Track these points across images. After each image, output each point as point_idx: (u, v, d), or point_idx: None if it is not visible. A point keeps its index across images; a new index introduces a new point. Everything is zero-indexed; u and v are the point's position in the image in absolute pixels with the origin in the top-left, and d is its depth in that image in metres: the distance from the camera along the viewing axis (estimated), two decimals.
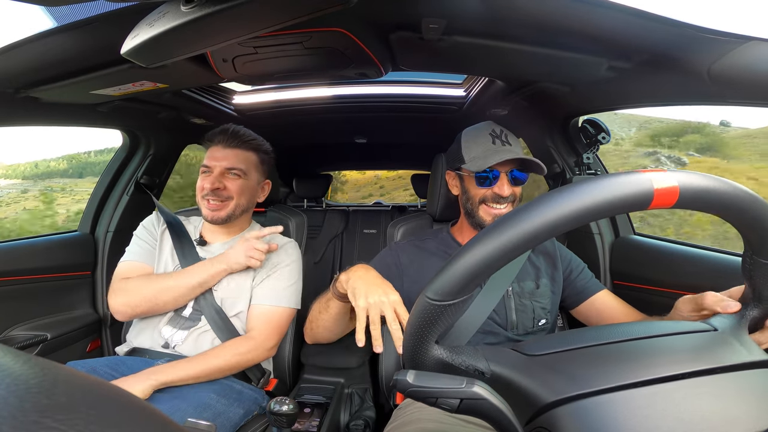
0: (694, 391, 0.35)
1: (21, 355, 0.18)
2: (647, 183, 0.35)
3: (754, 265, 0.45)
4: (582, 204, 0.34)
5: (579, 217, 0.34)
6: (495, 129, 0.99)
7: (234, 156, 1.11)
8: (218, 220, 1.10)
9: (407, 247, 1.06)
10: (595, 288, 1.02)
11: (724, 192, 0.37)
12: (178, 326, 1.05)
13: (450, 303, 0.37)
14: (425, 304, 0.38)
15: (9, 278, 1.21)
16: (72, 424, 0.14)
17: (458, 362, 0.42)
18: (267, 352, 1.05)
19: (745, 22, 0.61)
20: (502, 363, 0.42)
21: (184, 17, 0.54)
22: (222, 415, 0.92)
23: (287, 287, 1.11)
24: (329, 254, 2.52)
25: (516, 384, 0.40)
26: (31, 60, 0.83)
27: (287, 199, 2.99)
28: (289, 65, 0.93)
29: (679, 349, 0.42)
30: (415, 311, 0.40)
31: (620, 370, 0.38)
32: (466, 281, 0.36)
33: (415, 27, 0.75)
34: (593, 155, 1.33)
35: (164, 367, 0.92)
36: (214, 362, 0.96)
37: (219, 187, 1.08)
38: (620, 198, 0.34)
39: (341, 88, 1.51)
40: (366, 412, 1.26)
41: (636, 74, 0.85)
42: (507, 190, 0.94)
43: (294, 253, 1.18)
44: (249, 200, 1.16)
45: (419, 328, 0.40)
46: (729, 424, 0.32)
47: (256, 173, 1.17)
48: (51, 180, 8.90)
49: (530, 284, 0.98)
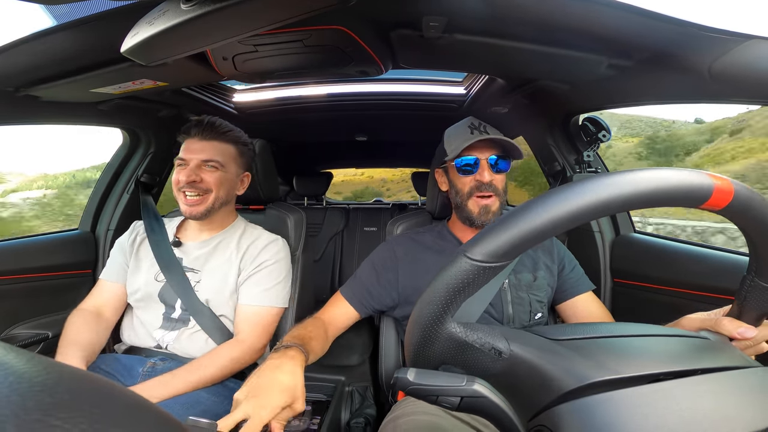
0: (695, 389, 0.35)
1: (24, 353, 0.18)
2: (708, 180, 0.36)
3: (753, 286, 0.45)
4: (648, 187, 0.34)
5: (642, 200, 0.34)
6: (474, 122, 0.99)
7: (211, 148, 1.07)
8: (197, 215, 1.06)
9: (403, 240, 1.07)
10: (582, 288, 1.02)
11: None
12: (169, 328, 1.05)
13: (490, 265, 0.35)
14: (463, 264, 0.35)
15: (10, 277, 1.21)
16: (75, 422, 0.14)
17: (473, 339, 0.39)
18: (257, 353, 1.04)
19: (746, 21, 0.61)
20: (525, 343, 0.39)
21: (184, 15, 0.54)
22: (210, 411, 0.91)
23: (272, 286, 1.09)
24: (330, 252, 2.52)
25: (538, 367, 0.38)
26: (32, 58, 0.82)
27: (288, 197, 2.99)
28: (289, 63, 0.93)
29: (688, 349, 0.43)
30: (447, 273, 0.36)
31: (650, 362, 0.38)
32: (518, 242, 0.34)
33: (416, 25, 0.75)
34: (594, 153, 1.33)
35: (160, 383, 0.91)
36: (209, 371, 0.95)
37: (195, 179, 1.04)
38: (683, 188, 0.35)
39: (341, 86, 1.51)
40: (367, 410, 1.26)
41: (637, 72, 0.85)
42: (487, 176, 0.94)
43: (279, 250, 1.15)
44: (228, 193, 1.12)
45: (444, 293, 0.36)
46: (730, 423, 0.32)
47: (235, 165, 1.13)
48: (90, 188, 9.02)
49: (527, 276, 0.98)
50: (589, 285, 1.03)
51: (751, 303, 0.47)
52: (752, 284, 0.45)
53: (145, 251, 1.13)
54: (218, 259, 1.11)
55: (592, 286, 1.03)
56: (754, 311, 0.48)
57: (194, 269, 1.10)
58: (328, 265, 2.50)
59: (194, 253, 1.11)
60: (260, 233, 1.17)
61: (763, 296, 0.46)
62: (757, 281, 0.45)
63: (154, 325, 1.06)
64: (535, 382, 0.38)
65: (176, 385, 0.91)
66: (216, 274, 1.08)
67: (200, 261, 1.11)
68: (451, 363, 0.40)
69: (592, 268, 1.32)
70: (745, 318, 0.49)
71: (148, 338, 1.05)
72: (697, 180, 0.36)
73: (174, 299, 1.07)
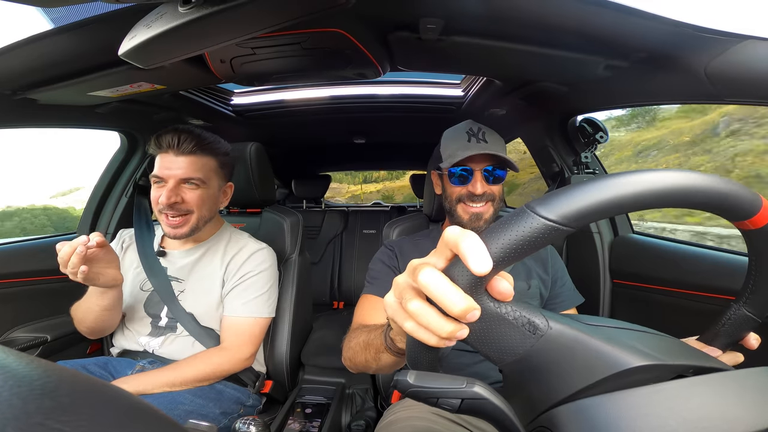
0: (696, 389, 0.35)
1: (24, 356, 0.18)
2: (758, 198, 0.37)
3: (737, 315, 0.46)
4: (709, 188, 0.35)
5: (701, 200, 0.35)
6: (473, 127, 0.97)
7: (189, 164, 0.98)
8: (182, 235, 1.02)
9: (401, 242, 1.06)
10: (569, 302, 1.01)
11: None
12: (156, 335, 1.05)
13: (559, 227, 0.32)
14: (530, 221, 0.32)
15: (9, 280, 1.21)
16: (76, 425, 0.14)
17: (505, 311, 0.36)
18: (242, 362, 1.03)
19: (742, 21, 0.62)
20: (565, 323, 0.36)
21: (181, 18, 0.54)
22: (193, 413, 0.91)
23: (255, 297, 1.06)
24: (329, 255, 2.52)
25: (578, 349, 0.35)
26: (29, 61, 0.82)
27: (286, 201, 2.99)
28: (287, 66, 0.93)
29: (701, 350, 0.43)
30: (512, 227, 0.32)
31: (682, 355, 0.38)
32: (596, 209, 0.32)
33: (413, 27, 0.75)
34: (591, 155, 1.34)
35: (137, 378, 0.92)
36: (188, 372, 0.95)
37: (176, 201, 0.98)
38: (736, 198, 0.36)
39: (339, 88, 1.51)
40: (367, 413, 1.26)
41: (633, 73, 0.85)
42: (480, 188, 0.92)
43: (265, 260, 1.11)
44: (211, 209, 1.07)
45: (509, 246, 0.32)
46: (730, 423, 0.32)
47: (216, 179, 1.06)
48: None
49: (522, 284, 0.97)
50: (577, 299, 1.02)
51: (729, 329, 0.47)
52: (737, 312, 0.46)
53: (130, 260, 1.12)
54: (203, 270, 1.09)
55: (580, 300, 1.02)
56: (727, 338, 0.48)
57: (178, 278, 1.09)
58: (327, 267, 2.50)
59: (179, 262, 1.10)
60: (245, 242, 1.14)
61: (741, 325, 0.46)
62: (743, 310, 0.45)
63: (141, 333, 1.06)
64: (572, 364, 0.35)
65: (148, 383, 0.91)
66: (200, 287, 1.07)
67: (185, 271, 1.09)
68: (467, 340, 0.37)
69: (591, 269, 1.32)
70: (717, 343, 0.49)
71: (136, 344, 1.06)
72: (749, 195, 0.37)
73: (160, 308, 1.06)
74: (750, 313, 0.45)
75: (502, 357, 0.37)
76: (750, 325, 0.46)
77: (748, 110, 6.53)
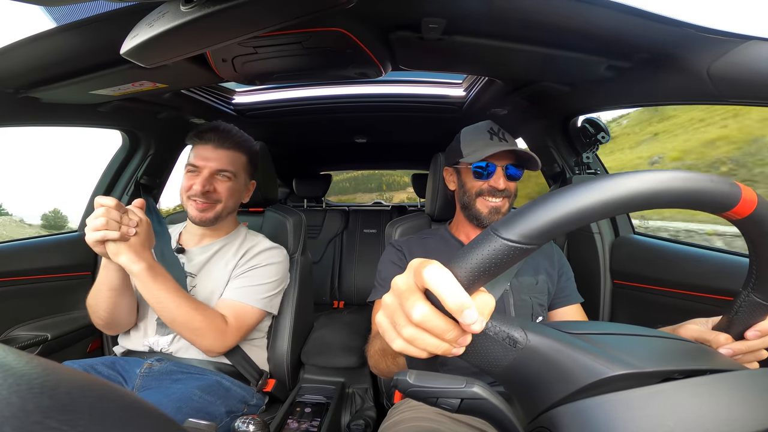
0: (695, 390, 0.35)
1: (23, 355, 0.18)
2: (736, 188, 0.36)
3: (747, 301, 0.46)
4: (679, 186, 0.34)
5: (671, 199, 0.35)
6: (493, 127, 1.01)
7: (225, 157, 1.08)
8: (206, 221, 1.07)
9: (409, 241, 1.07)
10: (572, 299, 1.03)
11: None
12: (162, 333, 1.05)
13: (522, 246, 0.33)
14: (494, 244, 0.33)
15: (10, 278, 1.21)
16: (74, 424, 0.14)
17: (486, 327, 0.37)
18: (217, 345, 0.99)
19: (745, 22, 0.61)
20: (543, 334, 0.38)
21: (183, 17, 0.54)
22: (201, 411, 0.91)
23: (254, 285, 1.08)
24: (329, 254, 2.52)
25: (556, 359, 0.36)
26: (31, 60, 0.83)
27: (287, 200, 2.99)
28: (288, 65, 0.93)
29: (695, 350, 0.43)
30: (472, 251, 0.34)
31: (664, 360, 0.38)
32: (556, 225, 0.33)
33: (415, 27, 0.75)
34: (593, 155, 1.34)
35: (148, 277, 0.90)
36: (183, 308, 0.93)
37: (209, 189, 1.05)
38: (711, 192, 0.35)
39: (341, 87, 1.51)
40: (367, 412, 1.26)
41: (636, 73, 0.85)
42: (503, 184, 0.97)
43: (275, 255, 1.15)
44: (236, 202, 1.14)
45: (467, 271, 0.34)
46: (730, 424, 0.32)
47: (244, 174, 1.14)
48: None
49: (529, 279, 0.99)
50: (578, 297, 1.04)
51: (741, 317, 0.47)
52: (747, 299, 0.46)
53: None
54: (216, 264, 1.11)
55: (581, 299, 1.04)
56: (742, 326, 0.48)
57: (192, 273, 1.10)
58: (327, 266, 2.50)
59: (195, 258, 1.12)
60: (260, 240, 1.17)
61: (754, 311, 0.46)
62: (752, 296, 0.45)
63: (148, 333, 1.06)
64: (551, 375, 0.37)
65: (153, 285, 0.90)
66: (211, 279, 1.08)
67: (198, 266, 1.11)
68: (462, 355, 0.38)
69: (591, 270, 1.32)
70: (732, 331, 0.49)
71: (141, 345, 1.06)
72: (727, 187, 0.36)
73: None
74: (759, 299, 0.45)
75: (491, 369, 0.38)
76: (761, 311, 0.46)
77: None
